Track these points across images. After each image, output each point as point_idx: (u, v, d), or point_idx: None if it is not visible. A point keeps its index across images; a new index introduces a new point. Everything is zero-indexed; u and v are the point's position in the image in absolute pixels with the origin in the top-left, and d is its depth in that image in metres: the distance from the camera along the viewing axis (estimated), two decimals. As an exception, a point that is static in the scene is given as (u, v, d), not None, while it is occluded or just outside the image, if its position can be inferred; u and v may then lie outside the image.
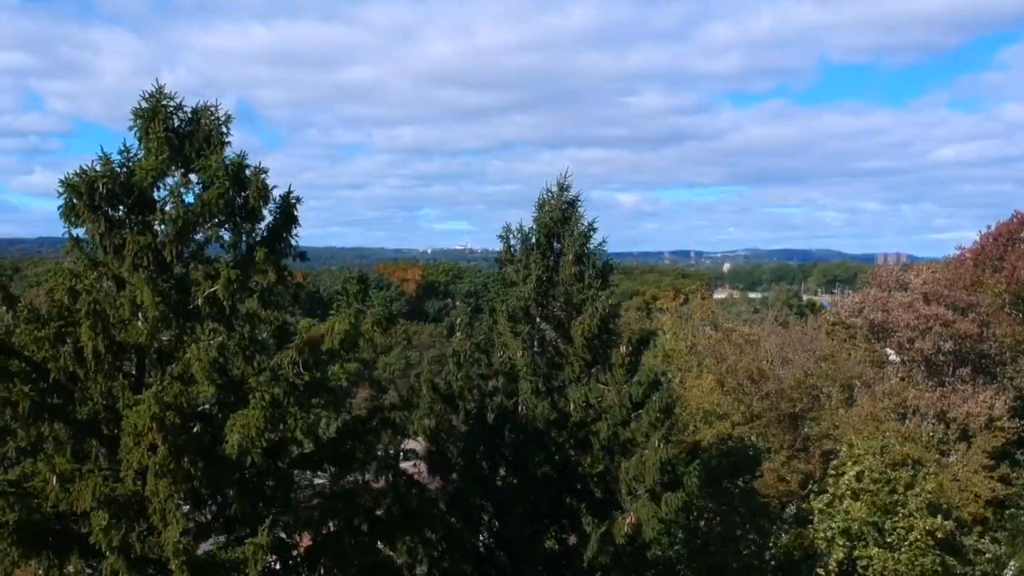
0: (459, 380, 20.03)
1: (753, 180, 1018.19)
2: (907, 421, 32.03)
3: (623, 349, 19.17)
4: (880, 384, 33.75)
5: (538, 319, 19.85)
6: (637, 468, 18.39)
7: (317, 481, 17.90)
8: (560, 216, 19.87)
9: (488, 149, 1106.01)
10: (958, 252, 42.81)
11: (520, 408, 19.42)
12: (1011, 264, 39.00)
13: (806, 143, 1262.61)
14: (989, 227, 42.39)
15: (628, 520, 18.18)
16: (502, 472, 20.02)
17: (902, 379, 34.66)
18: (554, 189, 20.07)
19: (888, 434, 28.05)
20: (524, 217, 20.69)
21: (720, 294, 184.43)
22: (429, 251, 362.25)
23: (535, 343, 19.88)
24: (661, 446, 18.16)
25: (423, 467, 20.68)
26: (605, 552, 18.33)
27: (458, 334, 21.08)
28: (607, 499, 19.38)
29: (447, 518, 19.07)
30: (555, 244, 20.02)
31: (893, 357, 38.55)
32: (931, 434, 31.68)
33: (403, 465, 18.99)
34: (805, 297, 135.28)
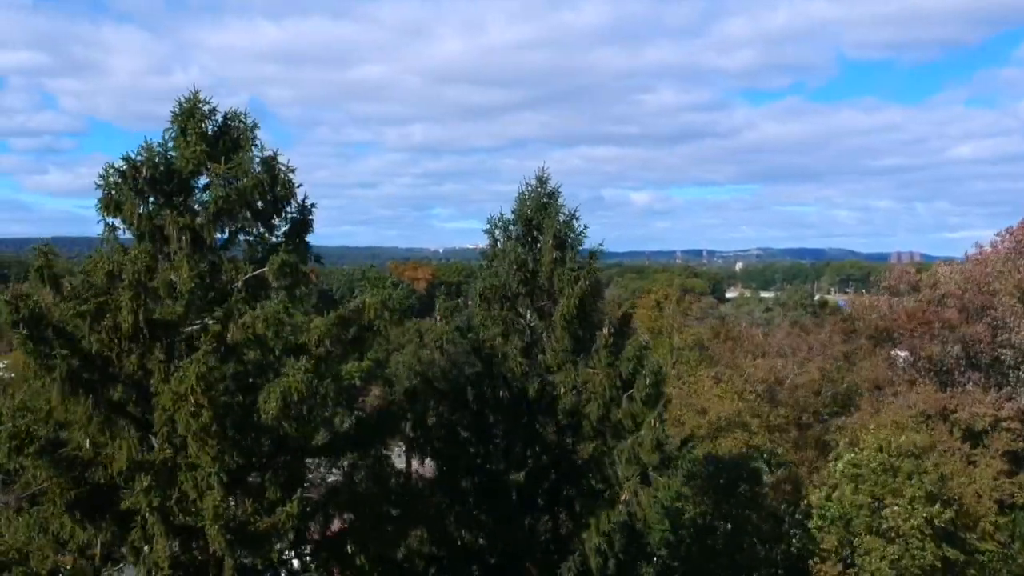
0: (442, 365, 20.25)
1: (766, 178, 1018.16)
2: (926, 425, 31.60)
3: (605, 331, 19.37)
4: (898, 391, 33.33)
5: (523, 307, 20.11)
6: (632, 449, 18.56)
7: (330, 479, 18.43)
8: (538, 205, 20.19)
9: (500, 147, 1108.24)
10: (978, 250, 41.11)
11: (501, 393, 19.63)
12: None
13: (821, 141, 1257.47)
14: None
15: (623, 497, 18.39)
16: (491, 459, 20.08)
17: (911, 382, 34.49)
18: (534, 183, 20.45)
19: (892, 427, 27.81)
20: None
21: (732, 293, 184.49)
22: (441, 250, 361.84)
23: (524, 330, 20.07)
24: (656, 424, 18.37)
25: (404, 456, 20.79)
26: (602, 538, 18.43)
27: (437, 321, 21.25)
28: (604, 486, 19.51)
29: (440, 510, 19.26)
30: (538, 235, 20.31)
31: (905, 356, 38.48)
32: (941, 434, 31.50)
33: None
34: (817, 296, 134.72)
